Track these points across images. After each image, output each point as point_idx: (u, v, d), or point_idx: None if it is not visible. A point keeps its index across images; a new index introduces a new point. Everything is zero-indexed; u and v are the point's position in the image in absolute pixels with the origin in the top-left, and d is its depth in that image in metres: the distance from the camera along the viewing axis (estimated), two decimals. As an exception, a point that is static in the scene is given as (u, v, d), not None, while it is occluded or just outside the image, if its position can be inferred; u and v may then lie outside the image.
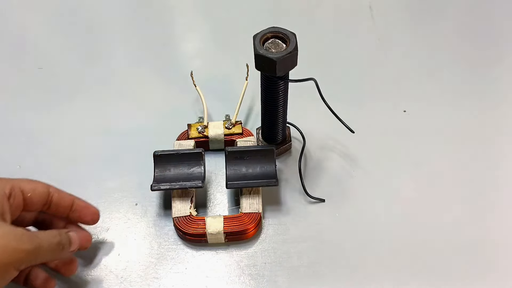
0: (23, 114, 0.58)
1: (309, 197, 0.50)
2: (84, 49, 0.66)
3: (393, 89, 0.59)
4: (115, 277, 0.46)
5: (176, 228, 0.48)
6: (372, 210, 0.50)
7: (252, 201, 0.48)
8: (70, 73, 0.63)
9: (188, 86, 0.57)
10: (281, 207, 0.50)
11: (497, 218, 0.49)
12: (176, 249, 0.48)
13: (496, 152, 0.55)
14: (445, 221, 0.49)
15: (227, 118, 0.55)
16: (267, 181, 0.48)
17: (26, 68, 0.63)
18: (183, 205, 0.48)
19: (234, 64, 0.60)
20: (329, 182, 0.52)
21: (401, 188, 0.51)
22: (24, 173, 0.53)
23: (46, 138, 0.56)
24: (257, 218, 0.47)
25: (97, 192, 0.51)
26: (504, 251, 0.47)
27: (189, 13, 0.71)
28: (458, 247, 0.47)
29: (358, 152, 0.54)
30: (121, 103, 0.59)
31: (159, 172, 0.49)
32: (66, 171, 0.53)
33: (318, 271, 0.46)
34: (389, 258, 0.47)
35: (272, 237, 0.48)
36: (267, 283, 0.45)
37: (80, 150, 0.55)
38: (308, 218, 0.49)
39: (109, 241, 0.48)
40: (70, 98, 0.60)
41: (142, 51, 0.66)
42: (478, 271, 0.46)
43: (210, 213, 0.50)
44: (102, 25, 0.69)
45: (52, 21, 0.69)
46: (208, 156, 0.53)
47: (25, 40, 0.67)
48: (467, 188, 0.51)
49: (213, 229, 0.46)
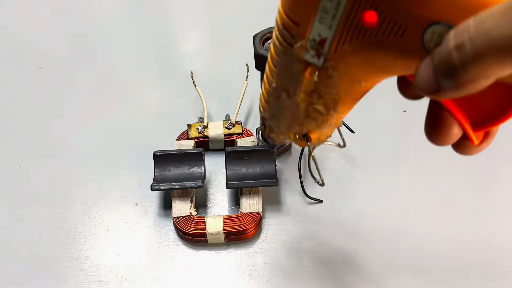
0: (23, 114, 0.58)
1: (307, 197, 0.50)
2: (84, 49, 0.66)
3: (393, 89, 0.59)
4: (115, 277, 0.46)
5: (176, 228, 0.48)
6: (372, 210, 0.50)
7: (252, 201, 0.48)
8: (70, 73, 0.63)
9: (188, 86, 0.57)
10: (281, 207, 0.50)
11: (498, 218, 0.49)
12: (176, 249, 0.48)
13: (496, 151, 0.55)
14: (445, 221, 0.49)
15: (227, 118, 0.55)
16: (267, 181, 0.48)
17: (26, 68, 0.63)
18: (183, 205, 0.48)
19: (234, 64, 0.60)
20: (329, 182, 0.52)
21: (401, 188, 0.51)
22: (24, 173, 0.53)
23: (46, 138, 0.56)
24: (257, 218, 0.47)
25: (97, 192, 0.51)
26: (504, 251, 0.47)
27: (189, 13, 0.71)
28: (458, 247, 0.47)
29: (358, 152, 0.54)
30: (121, 103, 0.59)
31: (159, 172, 0.49)
32: (66, 171, 0.53)
33: (318, 271, 0.46)
34: (389, 258, 0.47)
35: (272, 237, 0.48)
36: (267, 283, 0.45)
37: (80, 150, 0.55)
38: (308, 218, 0.49)
39: (109, 241, 0.48)
40: (70, 98, 0.60)
41: (142, 51, 0.66)
42: (478, 272, 0.46)
43: (210, 213, 0.50)
44: (102, 25, 0.69)
45: (52, 21, 0.69)
46: (208, 156, 0.53)
47: (25, 40, 0.67)
48: (467, 188, 0.51)
49: (213, 229, 0.46)
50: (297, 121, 0.31)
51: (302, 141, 0.33)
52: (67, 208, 0.50)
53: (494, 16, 0.17)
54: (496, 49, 0.17)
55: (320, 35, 0.24)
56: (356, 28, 0.22)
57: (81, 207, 0.51)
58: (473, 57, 0.18)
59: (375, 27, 0.22)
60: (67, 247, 0.48)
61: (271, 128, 0.33)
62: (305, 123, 0.31)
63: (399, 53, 0.22)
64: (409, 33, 0.21)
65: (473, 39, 0.18)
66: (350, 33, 0.23)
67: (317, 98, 0.28)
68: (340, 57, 0.24)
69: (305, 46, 0.25)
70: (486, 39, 0.17)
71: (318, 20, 0.23)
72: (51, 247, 0.48)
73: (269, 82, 0.30)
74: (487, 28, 0.17)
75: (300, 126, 0.31)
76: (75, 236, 0.49)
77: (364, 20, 0.22)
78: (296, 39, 0.25)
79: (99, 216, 0.50)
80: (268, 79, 0.30)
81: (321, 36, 0.24)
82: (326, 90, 0.27)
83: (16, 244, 0.48)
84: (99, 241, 0.48)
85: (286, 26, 0.25)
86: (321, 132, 0.32)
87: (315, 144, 0.34)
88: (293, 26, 0.25)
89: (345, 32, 0.23)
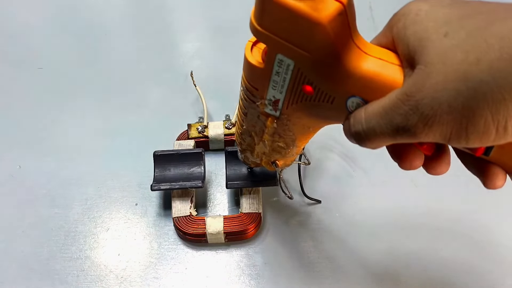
0: (23, 114, 0.58)
1: (306, 197, 0.50)
2: (84, 49, 0.66)
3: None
4: (115, 277, 0.46)
5: (176, 228, 0.48)
6: (372, 210, 0.50)
7: (252, 201, 0.48)
8: (70, 73, 0.63)
9: (188, 86, 0.57)
10: (281, 207, 0.50)
11: (499, 218, 0.49)
12: (176, 249, 0.48)
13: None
14: (445, 221, 0.49)
15: (227, 118, 0.55)
16: (267, 181, 0.48)
17: (26, 68, 0.63)
18: (183, 205, 0.48)
19: (234, 64, 0.60)
20: (329, 182, 0.52)
21: (400, 188, 0.51)
22: (24, 173, 0.53)
23: (46, 138, 0.56)
24: (257, 218, 0.47)
25: (97, 192, 0.51)
26: (503, 252, 0.47)
27: (189, 13, 0.71)
28: (458, 247, 0.47)
29: (358, 152, 0.54)
30: (121, 103, 0.59)
31: (159, 172, 0.49)
32: (66, 171, 0.53)
33: (318, 271, 0.46)
34: (388, 258, 0.47)
35: (272, 237, 0.48)
36: (267, 283, 0.45)
37: (80, 150, 0.55)
38: (308, 218, 0.49)
39: (109, 241, 0.48)
40: (70, 98, 0.60)
41: (142, 51, 0.66)
42: (477, 272, 0.46)
43: (210, 213, 0.50)
44: (102, 25, 0.69)
45: (52, 21, 0.69)
46: (208, 156, 0.53)
47: (25, 40, 0.67)
48: (468, 188, 0.51)
49: (213, 229, 0.46)
50: (265, 153, 0.40)
51: (271, 166, 0.42)
52: (67, 208, 0.50)
53: (377, 116, 0.26)
54: (382, 136, 0.26)
55: (274, 97, 0.32)
56: (300, 94, 0.30)
57: (81, 207, 0.51)
58: (366, 139, 0.27)
59: (312, 95, 0.29)
60: (67, 247, 0.48)
61: (246, 156, 0.43)
62: (272, 155, 0.40)
63: (332, 111, 0.30)
64: (337, 100, 0.29)
65: (365, 130, 0.27)
66: (296, 97, 0.31)
67: (279, 138, 0.36)
68: (291, 112, 0.32)
69: (264, 103, 0.33)
70: (373, 132, 0.26)
71: (272, 87, 0.31)
72: (51, 247, 0.48)
73: (241, 125, 0.39)
74: (373, 126, 0.26)
75: (268, 157, 0.40)
76: (75, 236, 0.49)
77: (304, 90, 0.30)
78: (257, 98, 0.33)
79: (99, 216, 0.50)
80: (240, 122, 0.39)
81: (275, 97, 0.32)
82: (285, 133, 0.35)
83: (16, 244, 0.48)
84: (99, 241, 0.48)
85: (249, 89, 0.33)
86: (285, 160, 0.41)
87: (282, 168, 0.43)
88: (253, 89, 0.33)
89: (292, 96, 0.31)
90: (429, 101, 0.22)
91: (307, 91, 0.29)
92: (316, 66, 0.28)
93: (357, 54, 0.27)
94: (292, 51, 0.27)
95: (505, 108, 0.21)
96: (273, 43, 0.28)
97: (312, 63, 0.27)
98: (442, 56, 0.22)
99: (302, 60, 0.28)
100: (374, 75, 0.27)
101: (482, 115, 0.21)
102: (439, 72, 0.22)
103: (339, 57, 0.27)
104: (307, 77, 0.29)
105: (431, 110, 0.22)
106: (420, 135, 0.24)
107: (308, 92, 0.29)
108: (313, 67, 0.28)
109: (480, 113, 0.21)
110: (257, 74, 0.31)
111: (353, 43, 0.27)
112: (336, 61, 0.27)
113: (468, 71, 0.21)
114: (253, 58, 0.31)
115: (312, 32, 0.26)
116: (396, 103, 0.24)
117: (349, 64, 0.27)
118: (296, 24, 0.26)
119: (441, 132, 0.23)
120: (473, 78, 0.21)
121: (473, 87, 0.21)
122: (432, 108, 0.22)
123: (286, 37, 0.27)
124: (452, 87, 0.22)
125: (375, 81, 0.27)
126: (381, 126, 0.25)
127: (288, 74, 0.29)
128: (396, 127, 0.24)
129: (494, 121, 0.22)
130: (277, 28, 0.27)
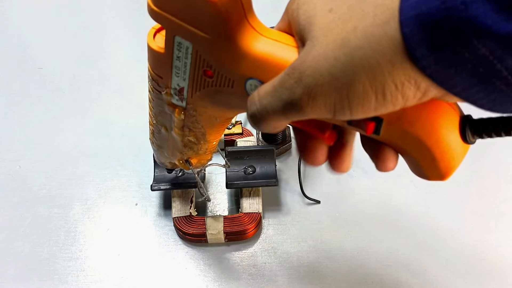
0: (23, 114, 0.58)
1: (305, 197, 0.50)
2: (84, 49, 0.66)
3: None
4: (115, 277, 0.46)
5: (176, 228, 0.48)
6: (372, 210, 0.50)
7: (252, 201, 0.48)
8: (70, 73, 0.63)
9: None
10: (281, 207, 0.50)
11: (500, 221, 0.49)
12: (176, 249, 0.48)
13: (497, 149, 0.55)
14: (445, 222, 0.49)
15: (227, 118, 0.55)
16: (267, 181, 0.48)
17: (26, 68, 0.63)
18: (183, 205, 0.48)
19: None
20: (329, 182, 0.52)
21: (400, 188, 0.51)
22: (24, 173, 0.53)
23: (46, 138, 0.56)
24: (257, 218, 0.47)
25: (97, 192, 0.51)
26: (502, 254, 0.47)
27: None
28: (458, 247, 0.47)
29: (358, 152, 0.54)
30: (121, 103, 0.59)
31: (159, 172, 0.49)
32: (66, 171, 0.53)
33: (318, 271, 0.46)
34: (388, 258, 0.47)
35: (272, 237, 0.48)
36: (267, 283, 0.45)
37: (80, 150, 0.55)
38: (308, 218, 0.49)
39: (109, 241, 0.48)
40: (70, 98, 0.60)
41: (142, 51, 0.66)
42: (477, 273, 0.46)
43: (210, 213, 0.50)
44: (102, 25, 0.69)
45: (52, 21, 0.69)
46: (208, 156, 0.53)
47: (25, 40, 0.67)
48: (467, 188, 0.51)
49: (213, 229, 0.46)
50: (178, 149, 0.39)
51: (186, 165, 0.41)
52: (67, 208, 0.50)
53: (267, 95, 0.25)
54: (273, 115, 0.26)
55: (179, 85, 0.32)
56: (201, 80, 0.30)
57: (81, 207, 0.51)
58: (261, 120, 0.26)
59: (213, 79, 0.29)
60: (67, 247, 0.48)
61: (162, 155, 0.42)
62: (184, 151, 0.39)
63: (234, 97, 0.29)
64: (236, 84, 0.29)
65: (259, 111, 0.26)
66: (198, 84, 0.31)
67: (189, 131, 0.36)
68: (196, 101, 0.32)
69: (170, 93, 0.33)
70: (266, 111, 0.26)
71: (175, 74, 0.31)
72: (51, 247, 0.48)
73: (151, 120, 0.39)
74: (265, 105, 0.26)
75: (181, 154, 0.40)
76: (75, 236, 0.49)
77: (204, 75, 0.29)
78: (162, 87, 0.33)
79: (99, 216, 0.50)
80: (150, 117, 0.39)
81: (180, 86, 0.32)
82: (193, 125, 0.35)
83: (16, 244, 0.48)
84: (99, 241, 0.48)
85: (153, 78, 0.33)
86: (199, 158, 0.41)
87: (198, 167, 0.43)
88: (158, 78, 0.33)
89: (194, 83, 0.31)
90: (311, 71, 0.23)
91: (208, 75, 0.29)
92: (212, 47, 0.28)
93: (252, 34, 0.27)
94: (188, 32, 0.27)
95: (380, 73, 0.21)
96: (170, 25, 0.28)
97: (208, 44, 0.27)
98: (325, 29, 0.23)
99: (199, 41, 0.28)
100: (268, 55, 0.27)
101: (360, 81, 0.22)
102: (321, 44, 0.23)
103: (233, 37, 0.27)
104: (205, 60, 0.29)
105: (313, 80, 0.23)
106: (306, 109, 0.24)
107: (209, 76, 0.29)
108: (210, 48, 0.28)
109: (358, 79, 0.22)
110: (159, 61, 0.31)
111: (248, 23, 0.28)
112: (230, 41, 0.27)
113: (345, 38, 0.22)
114: (155, 44, 0.31)
115: (205, 10, 0.26)
116: (284, 78, 0.24)
117: (243, 44, 0.27)
118: (189, 2, 0.26)
119: (325, 104, 0.23)
120: (350, 44, 0.22)
121: (349, 53, 0.22)
122: (314, 78, 0.23)
123: (181, 17, 0.27)
124: (332, 56, 0.22)
125: (269, 62, 0.27)
126: (271, 104, 0.25)
127: (188, 58, 0.29)
128: (284, 103, 0.25)
129: (372, 87, 0.22)
130: (172, 8, 0.27)
